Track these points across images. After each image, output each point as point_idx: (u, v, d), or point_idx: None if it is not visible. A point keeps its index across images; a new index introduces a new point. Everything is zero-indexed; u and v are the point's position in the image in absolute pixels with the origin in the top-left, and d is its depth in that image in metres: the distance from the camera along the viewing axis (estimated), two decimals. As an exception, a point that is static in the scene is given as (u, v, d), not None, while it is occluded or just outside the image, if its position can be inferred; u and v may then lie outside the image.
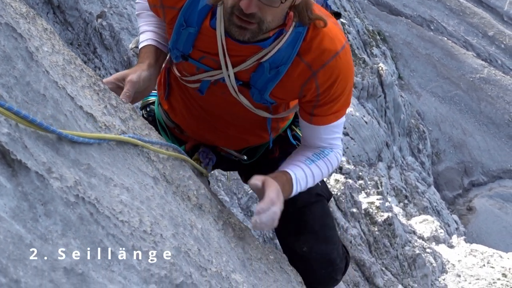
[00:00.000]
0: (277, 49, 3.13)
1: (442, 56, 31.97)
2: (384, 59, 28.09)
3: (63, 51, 2.82)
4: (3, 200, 1.69)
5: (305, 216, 3.72)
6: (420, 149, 27.46)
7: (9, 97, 1.95)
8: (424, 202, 22.02)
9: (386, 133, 23.58)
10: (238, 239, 3.34)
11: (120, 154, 2.59)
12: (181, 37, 3.36)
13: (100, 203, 2.12)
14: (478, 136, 30.71)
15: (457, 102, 31.15)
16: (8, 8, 2.40)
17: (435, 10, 33.40)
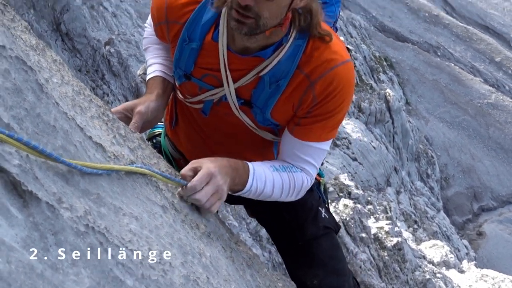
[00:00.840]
0: (277, 61, 3.13)
1: (449, 81, 31.98)
2: (391, 85, 28.09)
3: (72, 82, 2.83)
4: (15, 230, 1.70)
5: (314, 249, 3.73)
6: (429, 174, 27.40)
7: (20, 129, 1.97)
8: (433, 227, 21.95)
9: (394, 158, 23.54)
10: (246, 266, 3.34)
11: (129, 183, 2.60)
12: (184, 53, 3.37)
13: (109, 232, 2.12)
14: (487, 161, 30.65)
15: (465, 127, 31.13)
16: (18, 40, 2.42)
17: (442, 36, 33.44)
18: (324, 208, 3.87)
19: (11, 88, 2.05)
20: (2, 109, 1.94)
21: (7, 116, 1.94)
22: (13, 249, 1.64)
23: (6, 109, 1.97)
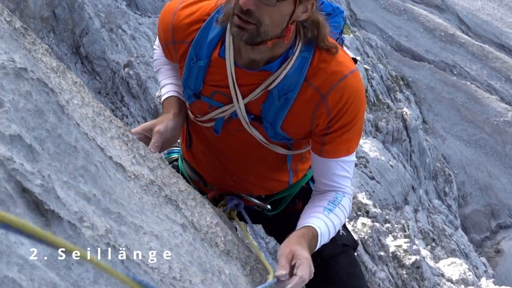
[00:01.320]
0: (285, 74, 3.14)
1: (465, 100, 31.89)
2: (408, 104, 28.03)
3: (92, 103, 2.85)
4: (38, 249, 1.71)
5: (333, 267, 3.73)
6: (447, 192, 27.29)
7: (42, 149, 1.99)
8: (451, 245, 21.84)
9: (412, 177, 23.47)
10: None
11: (149, 202, 2.61)
12: (192, 72, 3.39)
13: (130, 250, 2.13)
14: (504, 178, 30.50)
15: (482, 145, 31.01)
16: (39, 63, 2.44)
17: (458, 55, 33.38)
18: (342, 226, 3.86)
19: (33, 109, 2.07)
20: (24, 130, 1.96)
21: (29, 137, 1.96)
22: (36, 267, 1.65)
23: (28, 130, 1.98)
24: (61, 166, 2.04)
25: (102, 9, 14.71)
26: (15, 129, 1.91)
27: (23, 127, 1.96)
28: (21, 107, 2.01)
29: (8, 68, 2.07)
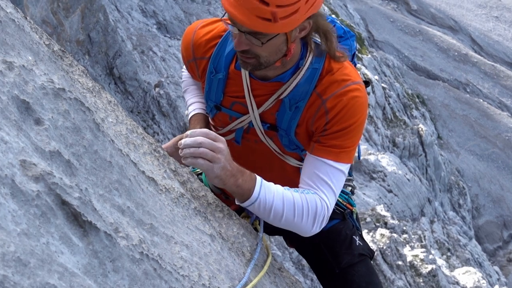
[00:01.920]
0: (295, 84, 3.17)
1: (478, 116, 31.74)
2: (423, 121, 27.93)
3: (126, 121, 2.86)
4: (76, 257, 1.72)
5: (351, 276, 3.72)
6: (461, 204, 27.14)
7: (79, 165, 2.00)
8: (466, 254, 21.71)
9: (427, 190, 23.37)
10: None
11: (180, 214, 2.62)
12: (213, 85, 3.44)
13: (162, 259, 2.14)
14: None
15: (494, 159, 30.83)
16: (76, 84, 2.46)
17: (471, 74, 33.26)
18: (358, 236, 3.86)
19: (71, 127, 2.08)
20: (63, 146, 1.97)
21: (68, 153, 1.97)
22: (75, 275, 1.66)
23: (67, 147, 2.00)
24: (97, 180, 2.06)
25: (134, 33, 14.77)
26: (55, 145, 1.93)
27: (62, 144, 1.97)
28: (60, 125, 2.02)
29: (47, 89, 2.08)
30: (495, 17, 37.50)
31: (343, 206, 3.91)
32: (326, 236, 3.76)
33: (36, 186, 1.74)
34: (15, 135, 1.80)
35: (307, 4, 2.85)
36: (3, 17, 2.18)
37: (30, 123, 1.92)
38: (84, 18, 12.35)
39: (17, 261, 1.52)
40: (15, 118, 1.87)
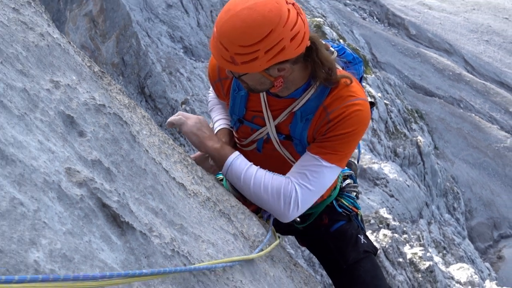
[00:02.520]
0: (306, 99, 3.18)
1: (471, 129, 31.61)
2: (421, 133, 27.83)
3: (158, 134, 2.87)
4: (115, 254, 1.72)
5: (357, 271, 3.70)
6: (455, 207, 27.00)
7: (117, 172, 2.01)
8: (460, 252, 21.62)
9: (425, 195, 23.29)
10: (304, 284, 3.34)
11: (206, 215, 2.62)
12: (236, 101, 3.48)
13: (191, 255, 2.14)
14: (504, 195, 30.13)
15: (485, 167, 30.67)
16: (114, 100, 2.46)
17: (464, 91, 33.15)
18: (362, 235, 3.87)
19: (110, 138, 2.09)
20: (103, 155, 1.98)
21: (107, 162, 1.98)
22: (113, 270, 1.66)
23: (106, 156, 2.00)
24: (133, 186, 2.06)
25: (163, 56, 14.79)
26: (96, 155, 1.93)
27: (102, 153, 1.98)
28: (100, 137, 2.03)
29: (89, 105, 2.09)
30: (486, 40, 37.37)
31: (349, 209, 3.91)
32: (333, 235, 3.79)
33: (79, 191, 1.74)
34: (61, 146, 1.81)
35: (268, 54, 2.84)
36: (51, 42, 2.20)
37: (74, 135, 1.93)
38: (118, 43, 12.39)
39: (63, 257, 1.52)
40: (61, 130, 1.88)
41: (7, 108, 1.70)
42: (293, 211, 3.16)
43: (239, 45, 2.82)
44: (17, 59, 1.91)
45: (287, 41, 2.83)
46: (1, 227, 1.40)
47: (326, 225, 3.84)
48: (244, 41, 2.81)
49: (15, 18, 2.09)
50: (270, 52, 2.83)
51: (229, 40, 2.83)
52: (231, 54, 2.85)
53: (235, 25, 2.82)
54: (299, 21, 2.89)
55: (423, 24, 36.58)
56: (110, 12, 12.06)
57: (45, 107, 1.87)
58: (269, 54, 2.83)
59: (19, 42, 1.99)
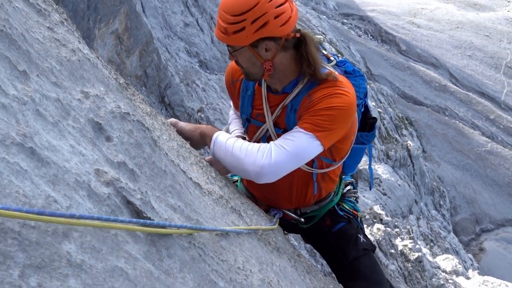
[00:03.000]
0: (296, 92, 3.20)
1: (455, 134, 31.53)
2: (411, 138, 27.78)
3: (177, 139, 2.88)
4: (138, 245, 1.73)
5: (358, 266, 3.71)
6: (441, 204, 26.92)
7: (140, 173, 2.01)
8: (445, 245, 21.57)
9: (414, 193, 23.24)
10: (306, 273, 3.33)
11: (219, 211, 2.62)
12: (245, 101, 3.50)
13: (206, 247, 2.14)
14: (485, 194, 30.03)
15: (468, 169, 30.57)
16: (138, 109, 2.47)
17: (449, 100, 33.08)
18: (362, 234, 3.87)
19: (134, 143, 2.09)
20: (127, 158, 1.98)
21: (131, 164, 1.98)
22: (137, 260, 1.67)
23: (131, 158, 2.01)
24: (154, 185, 2.07)
25: (180, 69, 14.81)
26: (121, 157, 1.94)
27: (127, 156, 1.98)
28: (125, 141, 2.03)
29: (116, 113, 2.10)
30: (468, 55, 37.30)
31: (350, 213, 3.92)
32: (335, 235, 3.82)
33: (107, 190, 1.75)
34: (90, 149, 1.82)
35: (253, 25, 2.93)
36: (81, 57, 2.20)
37: (102, 140, 1.93)
38: (141, 58, 12.42)
39: (92, 248, 1.52)
40: (91, 136, 1.88)
41: (43, 116, 1.70)
42: (265, 163, 3.04)
43: (231, 14, 2.95)
44: (52, 72, 1.92)
45: (271, 17, 2.94)
46: (37, 222, 1.41)
47: (329, 226, 3.85)
48: (234, 11, 2.94)
49: (50, 36, 2.10)
50: (256, 23, 2.93)
51: (223, 11, 2.98)
52: (225, 25, 2.98)
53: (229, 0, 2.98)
54: (286, 5, 3.01)
55: (412, 40, 36.53)
56: (134, 30, 12.10)
57: (76, 115, 1.88)
58: (254, 25, 2.94)
59: (53, 57, 2.00)
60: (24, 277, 1.30)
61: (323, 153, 3.31)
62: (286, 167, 3.11)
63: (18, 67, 1.74)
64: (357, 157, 3.89)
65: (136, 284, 1.57)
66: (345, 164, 3.81)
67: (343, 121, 3.16)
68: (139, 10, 13.21)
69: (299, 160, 3.16)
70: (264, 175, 3.06)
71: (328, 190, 3.78)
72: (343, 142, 3.38)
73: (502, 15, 44.39)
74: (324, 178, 3.64)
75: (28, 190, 1.44)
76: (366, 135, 3.77)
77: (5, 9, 1.86)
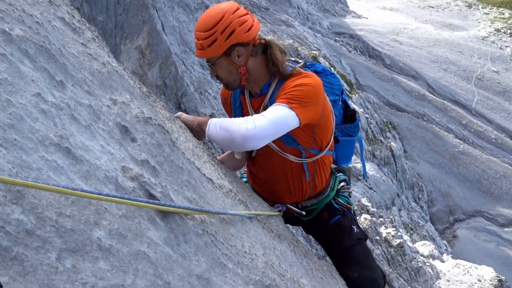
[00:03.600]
0: (271, 92, 3.23)
1: (432, 137, 31.53)
2: (394, 140, 27.78)
3: (192, 140, 2.88)
4: (159, 232, 1.73)
5: (352, 254, 3.74)
6: (420, 197, 26.91)
7: (161, 169, 2.01)
8: (423, 232, 21.58)
9: (397, 187, 23.24)
10: (303, 256, 3.33)
11: (229, 203, 2.62)
12: (236, 112, 3.51)
13: (217, 233, 2.15)
14: (458, 189, 30.03)
15: (443, 167, 30.56)
16: (158, 114, 2.48)
17: (427, 108, 33.09)
18: (355, 225, 3.87)
19: (155, 143, 2.10)
20: (150, 157, 1.98)
21: (153, 161, 1.98)
22: (158, 245, 1.67)
23: (153, 157, 2.01)
24: (173, 180, 2.07)
25: (195, 79, 14.83)
26: (144, 156, 1.94)
27: (149, 155, 1.99)
28: (148, 142, 2.04)
29: (140, 117, 2.10)
30: (444, 69, 37.28)
31: (344, 206, 3.91)
32: (332, 227, 3.82)
33: (132, 184, 1.75)
34: (118, 149, 1.82)
35: (223, 35, 3.02)
36: (110, 69, 2.21)
37: (127, 141, 1.93)
38: (161, 70, 12.43)
39: (119, 235, 1.53)
40: (118, 137, 1.88)
41: (77, 120, 1.71)
42: (249, 127, 2.97)
43: (203, 31, 3.05)
44: (85, 82, 1.92)
45: (237, 25, 3.04)
46: (72, 212, 1.41)
47: (326, 219, 3.85)
48: (205, 27, 3.05)
49: (83, 51, 2.10)
50: (225, 33, 3.03)
51: (197, 31, 3.07)
52: (200, 41, 3.06)
53: (201, 19, 3.09)
54: (248, 16, 3.12)
55: (395, 56, 36.51)
56: (155, 46, 12.12)
57: (106, 119, 1.88)
58: (224, 34, 3.03)
59: (86, 69, 2.00)
60: (61, 259, 1.30)
61: (309, 143, 3.35)
62: (267, 131, 3.01)
63: (56, 78, 1.74)
64: (348, 149, 3.89)
65: (157, 266, 1.58)
66: (337, 156, 3.82)
67: (313, 97, 3.14)
68: (160, 29, 13.24)
69: (278, 127, 3.06)
70: (248, 138, 2.96)
71: (322, 181, 3.74)
72: (322, 128, 3.38)
73: (473, 34, 44.41)
74: (316, 169, 3.62)
75: (64, 184, 1.45)
76: (350, 127, 3.76)
77: (45, 27, 1.86)
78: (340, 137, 3.73)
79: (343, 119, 3.74)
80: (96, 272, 1.37)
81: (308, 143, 3.36)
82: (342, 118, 3.72)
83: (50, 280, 1.24)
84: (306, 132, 3.31)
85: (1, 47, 1.56)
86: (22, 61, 1.62)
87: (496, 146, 32.83)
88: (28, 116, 1.48)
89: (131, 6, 11.08)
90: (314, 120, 3.22)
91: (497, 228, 28.77)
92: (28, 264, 1.22)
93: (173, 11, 17.11)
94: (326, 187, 3.80)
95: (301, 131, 3.25)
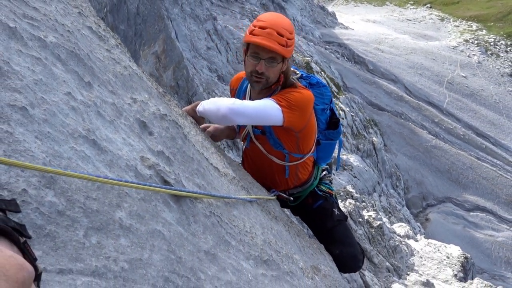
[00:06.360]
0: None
1: (408, 133, 31.57)
2: (375, 135, 27.79)
3: (201, 134, 2.88)
4: (172, 214, 1.73)
5: (334, 233, 3.76)
6: (397, 185, 26.95)
7: (174, 159, 2.01)
8: (400, 215, 21.64)
9: (378, 176, 23.27)
10: (296, 235, 3.33)
11: (233, 189, 2.62)
12: None
13: (222, 215, 2.15)
14: (430, 178, 30.08)
15: (418, 159, 30.60)
16: (172, 111, 2.47)
17: (404, 107, 33.12)
18: (336, 208, 3.86)
19: (169, 137, 2.09)
20: (165, 148, 1.98)
21: (167, 152, 1.98)
22: (171, 224, 1.67)
23: (167, 148, 2.01)
24: (185, 168, 2.07)
25: (204, 81, 14.83)
26: (160, 147, 1.94)
27: (164, 147, 1.99)
28: (163, 135, 2.04)
29: (156, 114, 2.10)
30: (419, 74, 37.27)
31: (326, 192, 3.91)
32: (316, 211, 3.83)
33: (149, 172, 1.75)
34: (137, 141, 1.82)
35: (293, 42, 3.03)
36: (131, 72, 2.20)
37: (146, 134, 1.93)
38: (174, 73, 12.42)
39: (138, 215, 1.53)
40: (137, 131, 1.88)
41: (102, 116, 1.71)
42: (236, 101, 2.97)
43: (289, 32, 2.99)
44: (109, 83, 1.92)
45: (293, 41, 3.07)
46: (97, 195, 1.42)
47: (311, 204, 3.84)
48: (290, 29, 3.01)
49: (108, 56, 2.10)
50: (291, 41, 3.03)
51: (284, 28, 2.97)
52: (286, 39, 2.96)
53: (283, 20, 3.02)
54: None
55: (377, 62, 36.47)
56: (169, 52, 12.12)
57: (127, 115, 1.88)
58: (293, 42, 3.04)
59: (110, 72, 2.00)
60: (87, 236, 1.31)
61: (293, 149, 3.35)
62: (248, 111, 2.96)
63: (84, 79, 1.74)
64: (328, 151, 3.84)
65: (170, 243, 1.58)
66: (319, 156, 3.78)
67: (302, 106, 3.11)
68: (174, 37, 13.23)
69: (260, 113, 3.01)
70: (231, 109, 2.92)
71: (304, 175, 3.72)
72: (305, 137, 3.37)
73: (445, 44, 44.40)
74: (298, 167, 3.61)
75: (91, 171, 1.45)
76: (332, 133, 3.72)
77: (75, 35, 1.86)
78: (323, 140, 3.69)
79: (327, 125, 3.70)
80: (117, 247, 1.38)
81: (292, 149, 3.37)
82: (327, 124, 3.67)
83: (78, 254, 1.25)
84: (291, 139, 3.31)
85: (36, 52, 1.55)
86: (55, 64, 1.62)
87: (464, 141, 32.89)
88: (60, 112, 1.48)
89: (149, 17, 11.09)
90: (296, 127, 3.18)
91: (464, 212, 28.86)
92: (59, 240, 1.22)
93: (185, 21, 17.09)
94: (310, 177, 3.78)
95: (287, 137, 3.27)
